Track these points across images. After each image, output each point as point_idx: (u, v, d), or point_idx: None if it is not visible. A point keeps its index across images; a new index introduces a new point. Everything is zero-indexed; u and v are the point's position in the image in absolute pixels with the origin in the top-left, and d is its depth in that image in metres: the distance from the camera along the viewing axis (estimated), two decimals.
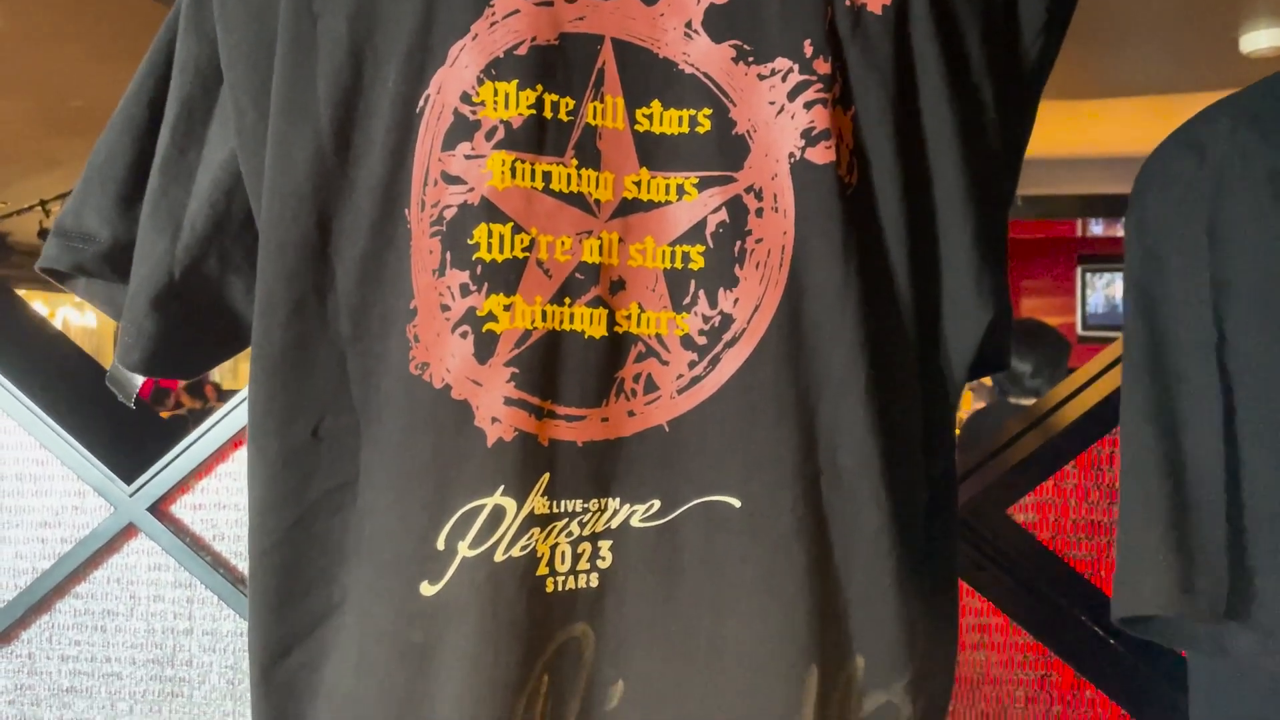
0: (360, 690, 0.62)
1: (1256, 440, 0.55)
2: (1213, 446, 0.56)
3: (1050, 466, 0.96)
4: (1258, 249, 0.58)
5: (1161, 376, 0.60)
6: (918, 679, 0.64)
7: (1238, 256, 0.58)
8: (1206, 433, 0.57)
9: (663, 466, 0.62)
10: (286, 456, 0.63)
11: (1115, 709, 0.95)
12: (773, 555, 0.61)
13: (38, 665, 1.08)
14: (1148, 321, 0.61)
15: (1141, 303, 0.61)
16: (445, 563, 0.59)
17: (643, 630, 0.62)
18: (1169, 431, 0.58)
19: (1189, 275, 0.60)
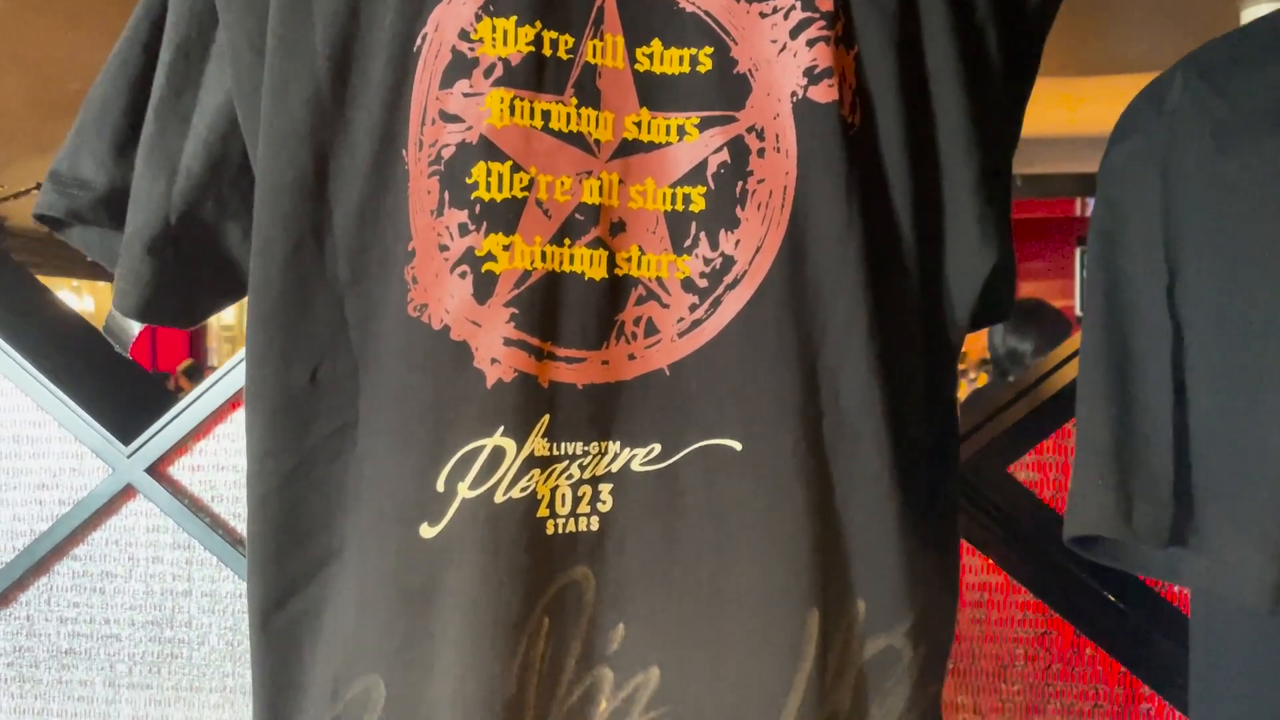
0: (361, 633, 0.62)
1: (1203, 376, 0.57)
2: (1162, 382, 0.58)
3: (1051, 425, 0.96)
4: (1205, 195, 0.60)
5: (1117, 314, 0.62)
6: (919, 624, 0.64)
7: (1187, 203, 0.60)
8: (1156, 368, 0.59)
9: (663, 410, 0.61)
10: (285, 402, 0.63)
11: (1115, 666, 0.95)
12: (774, 498, 0.60)
13: (36, 627, 1.08)
14: (1106, 263, 0.63)
15: (1101, 246, 0.63)
16: (445, 504, 0.59)
17: (643, 574, 0.61)
18: (1121, 365, 0.60)
19: (1144, 220, 0.62)
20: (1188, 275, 0.59)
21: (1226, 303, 0.57)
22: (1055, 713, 0.96)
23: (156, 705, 1.07)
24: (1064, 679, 0.96)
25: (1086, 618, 0.95)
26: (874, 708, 0.63)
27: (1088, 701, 0.96)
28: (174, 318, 0.70)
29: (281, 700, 0.66)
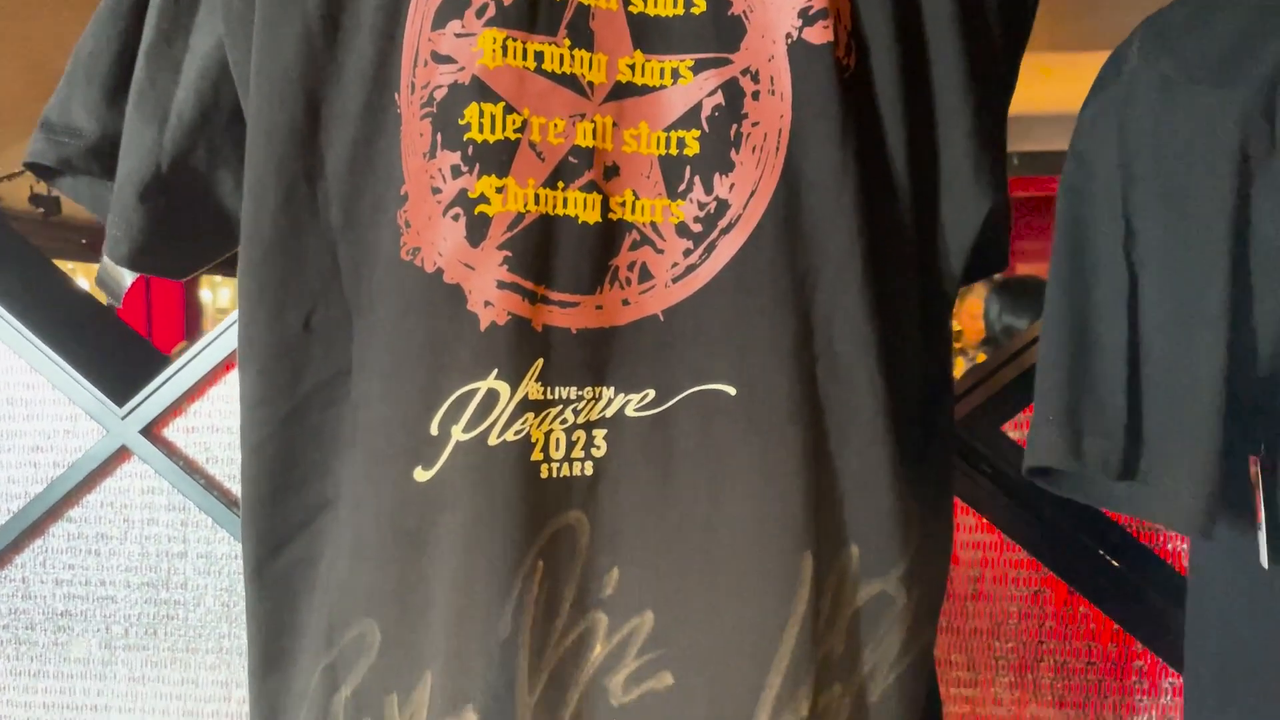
0: (356, 578, 0.62)
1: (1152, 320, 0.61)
2: (1116, 325, 0.61)
3: None
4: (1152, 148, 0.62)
5: (1079, 262, 0.64)
6: (912, 570, 0.64)
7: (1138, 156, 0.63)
8: (1111, 312, 0.62)
9: (657, 356, 0.61)
10: (278, 348, 0.63)
11: (1108, 623, 0.95)
12: (768, 442, 0.60)
13: (32, 589, 1.08)
14: (1073, 214, 0.66)
15: (1068, 199, 0.66)
16: (439, 447, 0.59)
17: (637, 518, 0.61)
18: (1082, 310, 0.63)
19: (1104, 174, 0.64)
20: (1140, 225, 0.62)
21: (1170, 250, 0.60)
22: (1048, 670, 0.97)
23: (153, 666, 1.07)
24: (1057, 637, 0.96)
25: (1080, 575, 0.95)
26: (867, 652, 0.63)
27: (1080, 659, 0.96)
28: (166, 268, 0.70)
29: (276, 647, 0.66)
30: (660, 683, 0.61)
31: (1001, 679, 0.97)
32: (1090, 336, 0.63)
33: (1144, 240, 0.62)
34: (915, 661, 0.65)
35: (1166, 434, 0.60)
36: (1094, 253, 0.64)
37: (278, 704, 0.67)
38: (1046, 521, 0.96)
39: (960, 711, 0.98)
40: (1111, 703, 0.96)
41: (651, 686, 0.61)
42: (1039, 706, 0.97)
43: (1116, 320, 0.62)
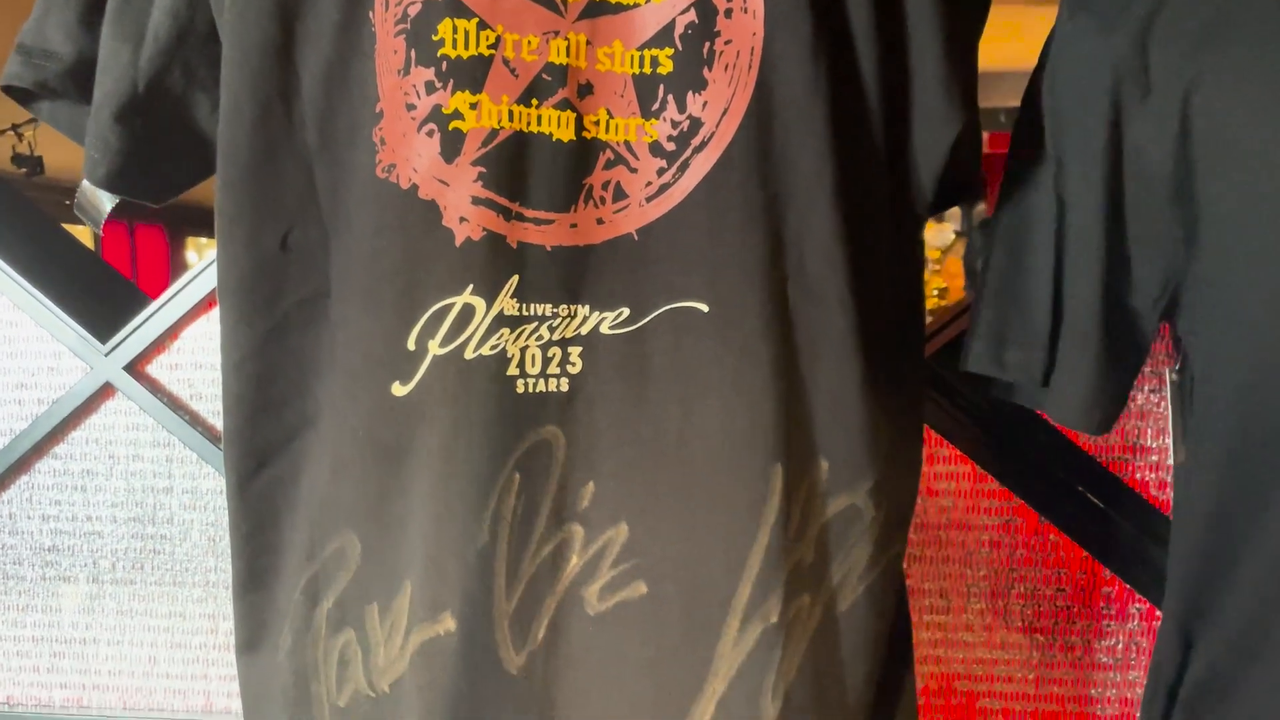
0: (335, 492, 0.63)
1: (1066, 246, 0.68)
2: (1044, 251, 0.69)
3: None
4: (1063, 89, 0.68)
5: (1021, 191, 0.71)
6: (881, 485, 0.65)
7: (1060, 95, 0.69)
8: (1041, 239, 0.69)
9: (632, 274, 0.62)
10: (256, 267, 0.64)
11: (1078, 551, 0.98)
12: (740, 357, 0.62)
13: (19, 525, 1.09)
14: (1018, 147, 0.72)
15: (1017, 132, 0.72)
16: (416, 362, 0.60)
17: (612, 433, 0.63)
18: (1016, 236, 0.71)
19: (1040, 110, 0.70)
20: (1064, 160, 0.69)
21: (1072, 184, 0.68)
22: (1019, 597, 0.99)
23: (140, 600, 1.09)
24: (1027, 564, 0.99)
25: (1051, 505, 0.97)
26: (836, 564, 0.65)
27: (1050, 586, 0.98)
28: (144, 191, 0.70)
29: (259, 564, 0.67)
30: (634, 592, 0.63)
31: (973, 606, 0.99)
32: (1022, 261, 0.70)
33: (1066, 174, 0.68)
34: (883, 574, 0.67)
35: (1065, 345, 0.68)
36: (1032, 185, 0.70)
37: (261, 619, 0.68)
38: (1018, 453, 0.98)
39: (932, 638, 1.00)
40: (1080, 628, 0.98)
41: (626, 596, 0.63)
42: (1009, 633, 0.99)
43: (1043, 247, 0.68)
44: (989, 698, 1.00)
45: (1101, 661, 0.98)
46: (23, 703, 1.11)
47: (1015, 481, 0.98)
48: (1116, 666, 0.98)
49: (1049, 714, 0.99)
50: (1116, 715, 0.98)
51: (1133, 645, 0.98)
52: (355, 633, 0.63)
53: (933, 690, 1.00)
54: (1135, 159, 0.65)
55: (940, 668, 1.00)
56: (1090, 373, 0.67)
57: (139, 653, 1.09)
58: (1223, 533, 0.65)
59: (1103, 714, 0.99)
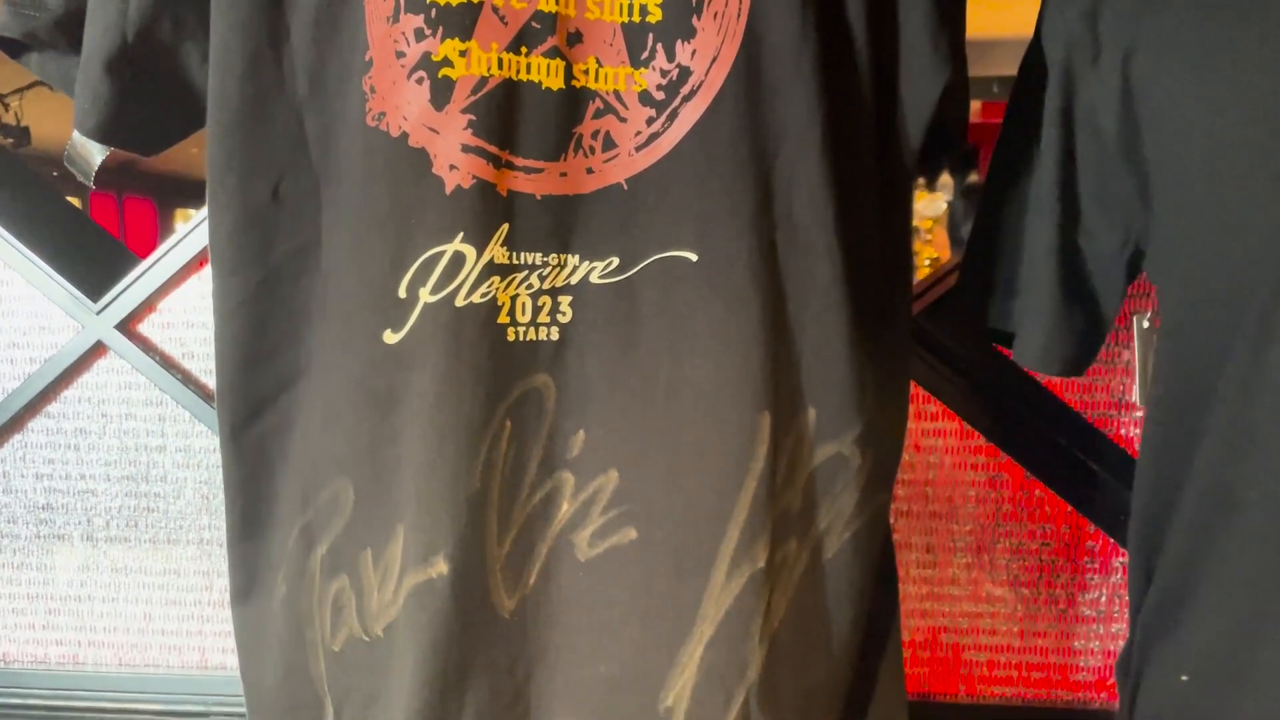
0: (328, 439, 0.64)
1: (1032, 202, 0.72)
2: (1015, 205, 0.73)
3: None
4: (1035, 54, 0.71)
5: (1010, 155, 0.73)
6: (867, 434, 0.66)
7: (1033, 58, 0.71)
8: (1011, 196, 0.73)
9: (621, 224, 0.63)
10: (247, 216, 0.64)
11: (1062, 506, 0.99)
12: (728, 306, 0.62)
13: (13, 484, 1.10)
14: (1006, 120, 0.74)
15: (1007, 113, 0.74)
16: (407, 310, 0.60)
17: (602, 382, 0.63)
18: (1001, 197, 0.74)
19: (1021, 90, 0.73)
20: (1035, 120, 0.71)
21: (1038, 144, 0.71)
22: (1004, 551, 1.00)
23: (135, 557, 1.09)
24: (1013, 519, 1.00)
25: (1036, 460, 0.99)
26: (823, 510, 0.66)
27: (1035, 540, 1.00)
28: (135, 142, 0.70)
29: (253, 513, 0.68)
30: (624, 537, 0.64)
31: (959, 560, 1.01)
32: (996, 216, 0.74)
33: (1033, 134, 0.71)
34: (869, 521, 0.68)
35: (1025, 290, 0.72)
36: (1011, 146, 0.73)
37: (255, 568, 0.69)
38: (1005, 409, 0.99)
39: (919, 592, 1.01)
40: (1064, 582, 1.00)
41: (616, 542, 0.64)
42: (994, 586, 1.01)
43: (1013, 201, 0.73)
44: (974, 650, 1.01)
45: (1085, 614, 1.00)
46: (19, 660, 1.12)
47: (1001, 437, 0.99)
48: (1099, 619, 1.00)
49: (1033, 665, 1.01)
50: (1099, 667, 1.00)
51: (1115, 598, 0.99)
52: (349, 578, 0.64)
53: (919, 643, 1.02)
54: (1088, 119, 0.68)
55: (926, 620, 1.02)
56: (1047, 314, 0.71)
57: (134, 610, 1.10)
58: (1167, 471, 0.68)
59: (1086, 665, 1.00)
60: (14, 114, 4.92)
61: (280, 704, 0.68)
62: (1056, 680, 1.01)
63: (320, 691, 0.67)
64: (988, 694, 1.02)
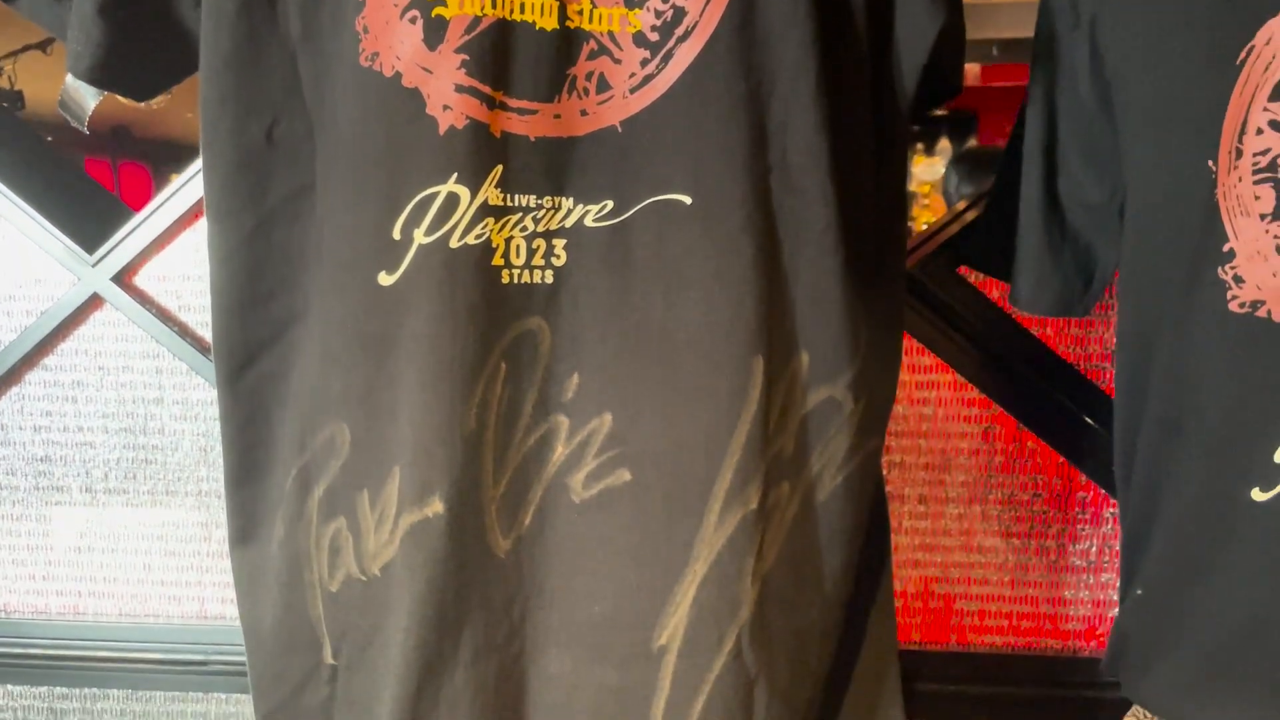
0: (325, 382, 0.64)
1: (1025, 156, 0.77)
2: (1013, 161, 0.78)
3: None
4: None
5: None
6: (860, 379, 0.67)
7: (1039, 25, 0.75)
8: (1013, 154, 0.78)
9: (616, 167, 0.63)
10: (241, 159, 0.64)
11: (1054, 457, 1.00)
12: (722, 249, 0.62)
13: (11, 436, 1.10)
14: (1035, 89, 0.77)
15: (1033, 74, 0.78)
16: (401, 251, 0.61)
17: (597, 325, 0.64)
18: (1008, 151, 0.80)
19: None
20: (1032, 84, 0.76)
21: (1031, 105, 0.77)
22: (996, 502, 1.01)
23: (133, 509, 1.10)
24: (1005, 471, 1.01)
25: (1029, 412, 0.99)
26: (815, 454, 0.67)
27: (1027, 491, 1.01)
28: (128, 86, 0.70)
29: (250, 458, 0.68)
30: (618, 479, 0.64)
31: (951, 511, 1.02)
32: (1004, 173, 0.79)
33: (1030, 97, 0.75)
34: (861, 466, 0.69)
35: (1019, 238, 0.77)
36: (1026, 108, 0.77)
37: (254, 512, 0.70)
38: (998, 360, 0.99)
39: (912, 542, 1.02)
40: (1055, 532, 1.01)
41: (610, 483, 0.64)
42: (986, 537, 1.02)
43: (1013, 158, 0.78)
44: (966, 599, 1.03)
45: (1075, 564, 1.01)
46: (20, 610, 1.13)
47: (995, 389, 0.99)
48: (1089, 569, 1.01)
49: (1023, 614, 1.02)
50: (1088, 616, 1.01)
51: (1105, 548, 1.00)
52: (346, 520, 0.65)
53: (911, 593, 1.03)
54: (1070, 81, 0.73)
55: (919, 571, 1.03)
56: (1033, 258, 0.76)
57: (134, 560, 1.11)
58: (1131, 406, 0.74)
59: (1075, 614, 1.02)
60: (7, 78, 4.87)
61: (279, 645, 0.69)
62: (1047, 629, 1.02)
63: (319, 632, 0.68)
64: (978, 643, 1.03)
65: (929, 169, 4.70)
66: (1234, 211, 0.63)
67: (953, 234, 0.98)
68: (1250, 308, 0.63)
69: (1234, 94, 0.61)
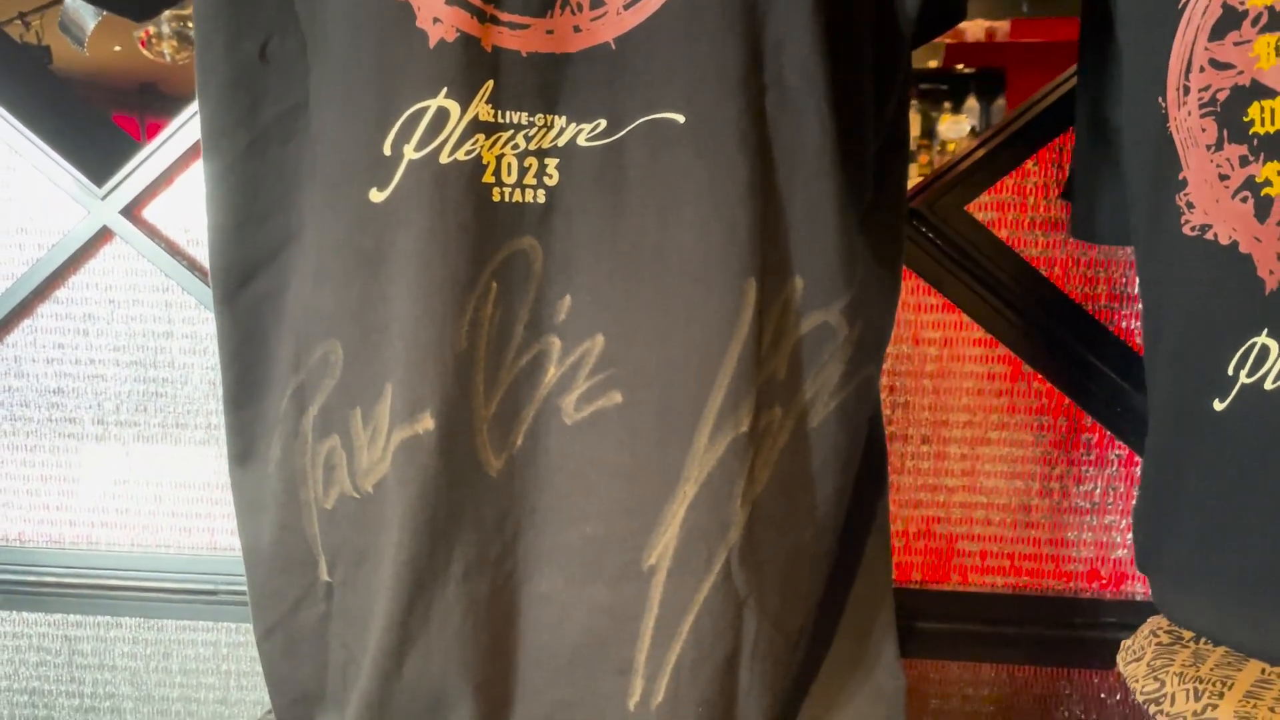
0: (318, 300, 0.64)
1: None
2: None
3: (1010, 164, 0.97)
4: None
5: None
6: (855, 305, 0.66)
7: None
8: None
9: (609, 85, 0.62)
10: (235, 76, 0.64)
11: (1060, 398, 0.99)
12: (716, 169, 0.62)
13: (24, 368, 1.12)
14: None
15: None
16: (392, 167, 0.60)
17: (590, 246, 0.63)
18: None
19: None
20: None
21: None
22: (1000, 443, 1.01)
23: (144, 441, 1.12)
24: (1010, 412, 1.00)
25: (1035, 353, 0.98)
26: (809, 380, 0.66)
27: (1031, 433, 1.00)
28: (125, 5, 0.70)
29: (249, 379, 0.69)
30: (610, 401, 0.64)
31: (955, 452, 1.01)
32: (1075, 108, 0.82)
33: None
34: (856, 393, 0.68)
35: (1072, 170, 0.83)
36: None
37: (252, 433, 0.70)
38: (1005, 301, 0.98)
39: (914, 483, 1.02)
40: (1059, 474, 1.00)
41: (602, 405, 0.64)
42: (989, 478, 1.01)
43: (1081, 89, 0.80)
44: (968, 540, 1.03)
45: (1079, 506, 1.01)
46: (34, 539, 1.15)
47: (1001, 330, 0.99)
48: (1093, 511, 1.00)
49: (1025, 555, 1.02)
50: (1091, 558, 1.01)
51: (1110, 490, 1.00)
52: (339, 437, 0.65)
53: (913, 533, 1.03)
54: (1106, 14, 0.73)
55: (921, 511, 1.03)
56: (1084, 186, 0.81)
57: (145, 491, 1.13)
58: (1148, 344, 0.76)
59: (1078, 556, 1.01)
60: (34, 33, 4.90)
61: (276, 563, 0.70)
62: (1048, 570, 1.02)
63: (314, 550, 0.69)
64: (980, 583, 1.03)
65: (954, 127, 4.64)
66: (1186, 144, 0.67)
67: (961, 171, 0.97)
68: (1200, 230, 0.67)
69: (1177, 35, 0.66)
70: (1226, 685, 0.67)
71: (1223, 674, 0.68)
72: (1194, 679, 0.68)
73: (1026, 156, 0.97)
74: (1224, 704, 0.66)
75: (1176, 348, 0.71)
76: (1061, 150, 0.96)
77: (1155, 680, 0.71)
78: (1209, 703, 0.66)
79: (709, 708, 0.66)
